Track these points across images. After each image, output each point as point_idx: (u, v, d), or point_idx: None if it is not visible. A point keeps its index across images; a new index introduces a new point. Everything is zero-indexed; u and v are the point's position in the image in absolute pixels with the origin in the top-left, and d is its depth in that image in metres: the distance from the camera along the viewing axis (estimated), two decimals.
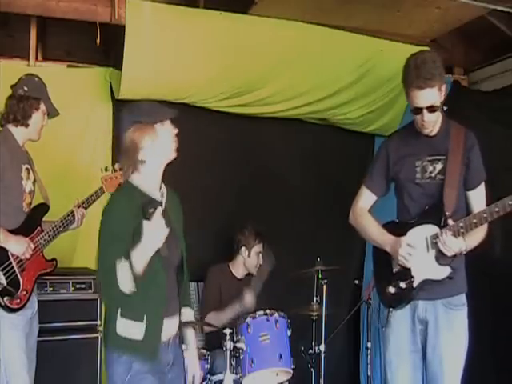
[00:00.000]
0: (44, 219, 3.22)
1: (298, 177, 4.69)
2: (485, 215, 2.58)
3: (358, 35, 4.18)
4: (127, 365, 2.25)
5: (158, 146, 2.30)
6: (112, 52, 4.22)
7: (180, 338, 2.48)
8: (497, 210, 2.55)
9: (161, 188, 2.39)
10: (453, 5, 3.67)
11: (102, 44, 3.87)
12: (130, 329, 2.26)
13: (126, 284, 2.13)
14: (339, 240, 4.50)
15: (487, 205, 2.68)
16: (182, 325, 2.50)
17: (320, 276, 3.91)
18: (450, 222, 2.63)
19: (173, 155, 2.36)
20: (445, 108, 4.23)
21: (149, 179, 2.34)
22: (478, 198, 2.78)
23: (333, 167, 4.72)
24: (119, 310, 2.26)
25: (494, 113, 4.19)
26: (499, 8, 3.52)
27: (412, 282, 2.70)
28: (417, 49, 3.21)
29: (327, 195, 4.65)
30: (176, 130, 2.35)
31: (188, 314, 2.58)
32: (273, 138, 4.63)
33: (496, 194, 2.78)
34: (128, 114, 2.35)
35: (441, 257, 2.66)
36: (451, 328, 2.71)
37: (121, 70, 3.72)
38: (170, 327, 2.38)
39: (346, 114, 4.55)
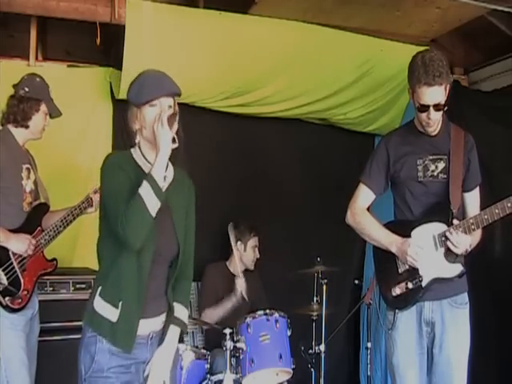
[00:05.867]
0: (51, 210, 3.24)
1: (297, 177, 4.69)
2: (496, 211, 2.58)
3: (358, 35, 4.18)
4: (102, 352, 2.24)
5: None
6: (112, 52, 4.21)
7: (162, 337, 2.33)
8: (509, 204, 2.56)
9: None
10: (453, 5, 3.66)
11: (101, 44, 3.86)
12: (106, 310, 2.23)
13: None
14: (339, 240, 4.49)
15: (486, 205, 2.68)
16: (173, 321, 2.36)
17: (320, 276, 3.91)
18: (456, 221, 2.63)
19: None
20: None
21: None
22: (473, 199, 2.80)
23: (333, 167, 4.72)
24: (99, 289, 2.25)
25: (494, 113, 4.19)
26: (499, 8, 3.51)
27: (420, 281, 2.68)
28: (417, 48, 3.21)
29: (327, 195, 4.64)
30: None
31: (180, 311, 2.38)
32: (273, 138, 4.63)
33: (496, 193, 2.78)
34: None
35: (450, 255, 2.65)
36: (457, 327, 2.71)
37: (121, 69, 3.72)
38: (150, 325, 2.30)
39: (345, 114, 4.55)
